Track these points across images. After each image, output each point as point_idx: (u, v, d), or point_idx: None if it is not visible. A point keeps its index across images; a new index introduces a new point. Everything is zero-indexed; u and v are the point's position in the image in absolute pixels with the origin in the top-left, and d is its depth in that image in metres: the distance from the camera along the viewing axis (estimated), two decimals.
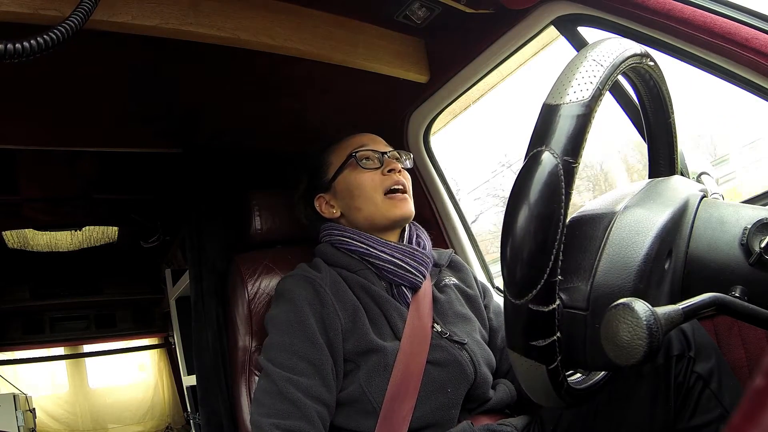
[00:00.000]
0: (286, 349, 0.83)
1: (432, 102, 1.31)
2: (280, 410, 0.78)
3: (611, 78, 0.46)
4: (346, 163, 0.98)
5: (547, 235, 0.42)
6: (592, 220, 0.51)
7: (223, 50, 0.96)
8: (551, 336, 0.45)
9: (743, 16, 0.72)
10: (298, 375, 0.80)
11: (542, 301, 0.43)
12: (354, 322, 0.87)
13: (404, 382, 0.84)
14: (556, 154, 0.43)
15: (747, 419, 0.16)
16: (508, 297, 0.45)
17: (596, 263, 0.48)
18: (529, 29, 1.04)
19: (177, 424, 3.89)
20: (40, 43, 0.59)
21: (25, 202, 1.94)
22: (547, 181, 0.43)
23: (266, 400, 0.80)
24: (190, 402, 2.56)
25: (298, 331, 0.84)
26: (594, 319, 0.47)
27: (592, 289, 0.47)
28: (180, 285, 2.40)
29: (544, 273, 0.42)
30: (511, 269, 0.44)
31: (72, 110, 1.15)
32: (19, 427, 2.86)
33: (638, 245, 0.48)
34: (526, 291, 0.43)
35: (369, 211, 0.95)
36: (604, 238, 0.49)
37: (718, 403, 0.67)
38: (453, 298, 0.97)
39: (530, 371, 0.46)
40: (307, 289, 0.88)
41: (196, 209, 1.23)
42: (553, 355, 0.45)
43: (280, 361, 0.82)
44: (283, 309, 0.88)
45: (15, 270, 2.93)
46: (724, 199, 0.67)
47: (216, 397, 1.09)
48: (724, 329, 0.86)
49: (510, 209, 0.45)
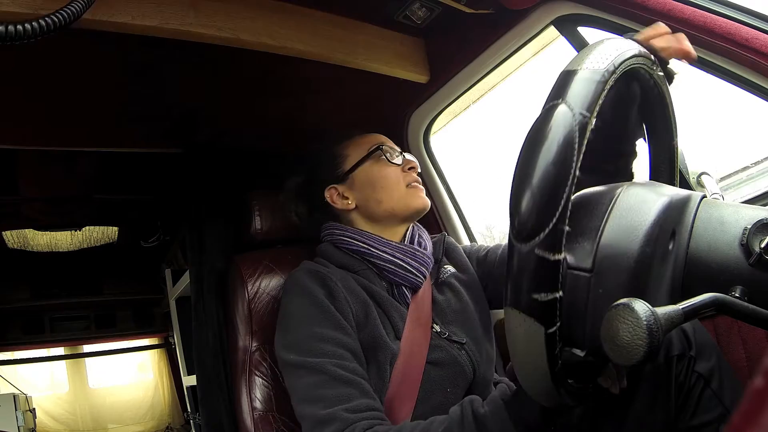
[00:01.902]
0: (319, 338, 0.80)
1: (432, 102, 1.31)
2: (343, 395, 0.74)
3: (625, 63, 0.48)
4: (370, 156, 0.99)
5: (559, 181, 0.42)
6: (597, 193, 0.52)
7: (223, 50, 0.96)
8: (554, 291, 0.44)
9: (743, 17, 0.72)
10: (340, 359, 0.78)
11: (549, 247, 0.42)
12: (366, 316, 0.86)
13: (404, 383, 0.84)
14: (572, 107, 0.44)
15: (747, 419, 0.16)
16: (514, 242, 0.44)
17: (603, 225, 0.48)
18: (529, 29, 1.05)
19: (177, 424, 3.89)
20: (42, 25, 0.59)
21: (25, 202, 1.94)
22: (563, 130, 0.43)
23: (321, 393, 0.75)
24: (190, 402, 2.56)
25: (323, 320, 0.82)
26: (598, 282, 0.46)
27: (597, 249, 0.47)
28: (180, 285, 2.40)
29: (554, 217, 0.42)
30: (520, 212, 0.43)
31: (72, 110, 1.15)
32: (19, 427, 2.86)
33: (645, 211, 0.48)
34: (534, 234, 0.43)
35: (391, 203, 0.95)
36: (611, 203, 0.50)
37: (719, 402, 0.67)
38: (451, 296, 0.97)
39: (528, 335, 0.45)
40: (318, 282, 0.87)
41: (196, 209, 1.23)
42: (553, 317, 0.44)
43: (318, 351, 0.79)
44: (299, 303, 0.86)
45: (15, 270, 2.93)
46: (724, 199, 0.67)
47: (216, 397, 1.09)
48: (724, 329, 0.86)
49: (524, 155, 0.45)
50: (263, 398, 0.98)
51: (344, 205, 0.99)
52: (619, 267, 0.47)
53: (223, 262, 1.18)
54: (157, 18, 0.86)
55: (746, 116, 1.02)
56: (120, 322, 3.66)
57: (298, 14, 1.01)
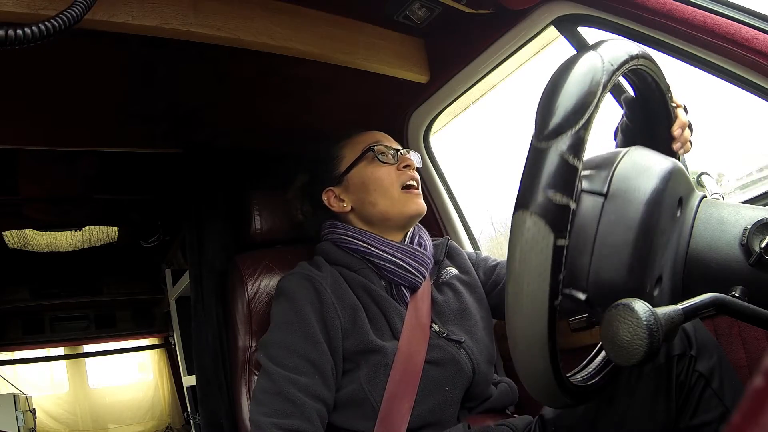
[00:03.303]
0: (286, 348, 0.83)
1: (432, 102, 1.31)
2: (280, 410, 0.78)
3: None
4: (363, 157, 0.98)
5: (590, 90, 0.44)
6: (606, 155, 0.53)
7: (223, 50, 0.96)
8: (569, 197, 0.43)
9: (743, 17, 0.72)
10: (298, 374, 0.80)
11: (571, 149, 0.42)
12: (354, 322, 0.87)
13: (403, 382, 0.84)
14: (603, 56, 0.46)
15: (747, 419, 0.16)
16: (535, 142, 0.44)
17: (618, 161, 0.50)
18: (529, 29, 1.05)
19: (177, 424, 3.89)
20: (42, 30, 0.59)
21: (25, 202, 1.94)
22: (593, 65, 0.45)
23: (266, 399, 0.80)
24: (190, 402, 2.56)
25: (298, 330, 0.84)
26: (611, 208, 0.47)
27: (613, 177, 0.49)
28: (180, 285, 2.40)
29: (580, 121, 0.43)
30: (547, 112, 0.44)
31: (72, 110, 1.15)
32: (19, 427, 2.86)
33: (658, 158, 0.51)
34: (558, 133, 0.43)
35: (384, 206, 0.95)
36: (622, 154, 0.51)
37: (720, 401, 0.67)
38: (451, 296, 0.97)
39: (535, 241, 0.42)
40: (308, 287, 0.88)
41: (196, 209, 1.23)
42: (564, 226, 0.43)
43: (280, 360, 0.82)
44: (283, 307, 0.88)
45: (15, 270, 2.93)
46: (724, 199, 0.67)
47: (216, 397, 1.09)
48: (724, 329, 0.86)
49: (558, 70, 0.46)
50: None
51: (340, 208, 0.99)
52: (633, 198, 0.48)
53: (222, 262, 1.18)
54: (157, 18, 0.86)
55: (749, 116, 1.01)
56: (120, 322, 3.66)
57: (298, 14, 1.01)
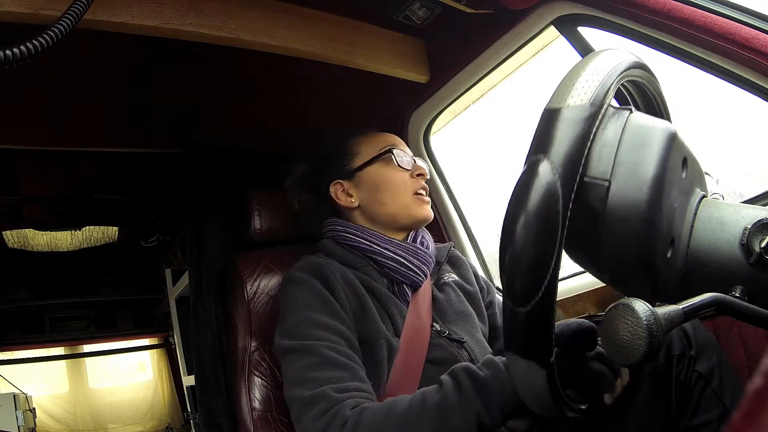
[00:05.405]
0: (314, 324, 0.80)
1: (432, 102, 1.31)
2: (334, 377, 0.73)
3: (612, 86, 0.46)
4: (381, 157, 0.98)
5: (546, 248, 0.41)
6: None
7: (223, 50, 0.96)
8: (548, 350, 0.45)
9: (743, 16, 0.72)
10: (336, 344, 0.78)
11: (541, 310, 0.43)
12: (363, 309, 0.86)
13: (402, 381, 0.84)
14: (554, 164, 0.42)
15: (747, 419, 0.16)
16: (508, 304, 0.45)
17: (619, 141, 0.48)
18: (529, 29, 1.04)
19: (177, 424, 3.90)
20: (31, 48, 0.58)
21: (25, 202, 1.94)
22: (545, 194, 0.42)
23: (314, 374, 0.74)
24: (190, 402, 2.56)
25: (319, 306, 0.82)
26: (616, 190, 0.46)
27: (616, 159, 0.47)
28: (180, 285, 2.40)
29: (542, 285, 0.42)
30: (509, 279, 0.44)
31: (72, 110, 1.15)
32: (19, 427, 2.86)
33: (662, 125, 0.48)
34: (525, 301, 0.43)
35: (394, 208, 0.95)
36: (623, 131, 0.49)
37: (719, 402, 0.67)
38: (452, 296, 0.97)
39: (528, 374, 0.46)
40: (318, 273, 0.87)
41: (195, 209, 1.23)
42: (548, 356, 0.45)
43: (314, 335, 0.79)
44: (298, 292, 0.86)
45: (15, 270, 2.93)
46: (724, 199, 0.67)
47: (215, 397, 1.09)
48: (724, 329, 0.86)
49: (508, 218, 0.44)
50: (262, 398, 0.97)
51: (347, 203, 0.98)
52: (637, 176, 0.46)
53: (222, 262, 1.17)
54: (157, 18, 0.86)
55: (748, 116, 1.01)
56: (120, 322, 3.66)
57: (298, 14, 1.01)
